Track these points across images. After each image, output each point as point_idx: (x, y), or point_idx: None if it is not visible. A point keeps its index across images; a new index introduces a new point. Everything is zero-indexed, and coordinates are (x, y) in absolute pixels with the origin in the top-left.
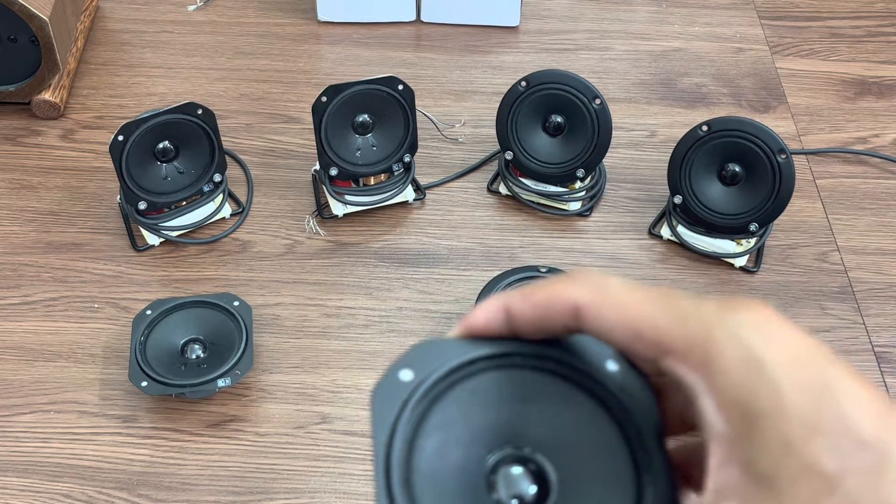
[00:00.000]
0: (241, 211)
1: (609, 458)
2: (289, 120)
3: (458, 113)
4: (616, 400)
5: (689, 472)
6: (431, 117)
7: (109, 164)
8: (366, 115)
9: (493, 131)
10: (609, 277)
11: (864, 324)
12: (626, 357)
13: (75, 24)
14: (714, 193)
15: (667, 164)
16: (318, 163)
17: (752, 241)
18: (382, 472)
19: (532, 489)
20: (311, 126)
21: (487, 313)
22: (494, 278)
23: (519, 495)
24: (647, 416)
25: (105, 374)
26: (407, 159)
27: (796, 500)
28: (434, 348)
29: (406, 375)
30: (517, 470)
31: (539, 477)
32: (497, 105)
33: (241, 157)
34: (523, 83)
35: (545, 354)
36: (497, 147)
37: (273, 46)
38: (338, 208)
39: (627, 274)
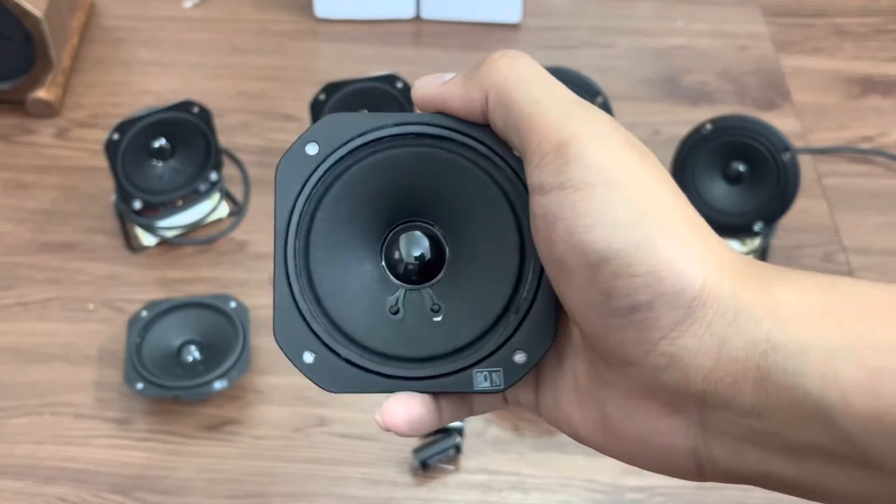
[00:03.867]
0: (237, 210)
1: (499, 236)
2: (287, 118)
3: None
4: (515, 186)
5: None
6: None
7: (104, 163)
8: (365, 113)
9: None
10: (521, 67)
11: None
12: None
13: (70, 21)
14: (718, 192)
15: (670, 163)
16: None
17: (757, 240)
18: (282, 239)
19: (429, 250)
20: (309, 124)
21: (430, 96)
22: None
23: (418, 253)
24: None
25: (100, 375)
26: None
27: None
28: (342, 122)
29: (312, 149)
30: (416, 232)
31: (435, 245)
32: None
33: (238, 155)
34: None
35: (452, 135)
36: None
37: (270, 43)
38: None
39: None
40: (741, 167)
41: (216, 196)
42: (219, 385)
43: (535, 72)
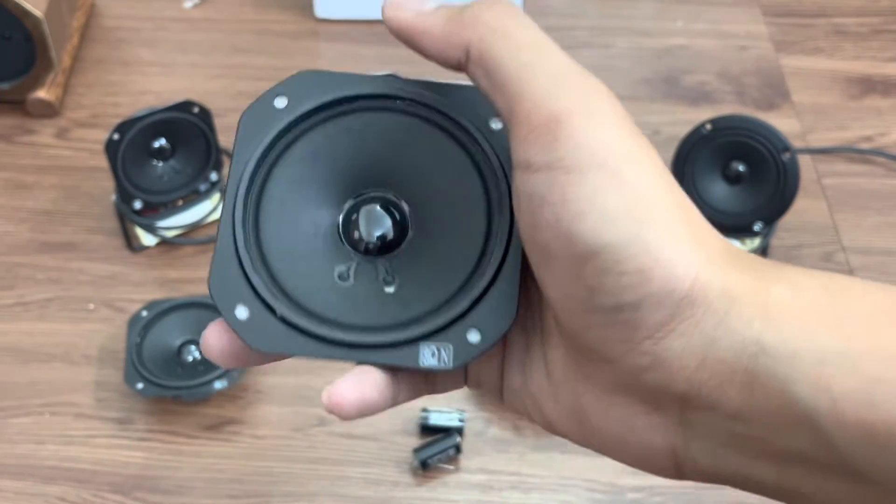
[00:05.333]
0: None
1: (466, 212)
2: None
3: None
4: (486, 158)
5: None
6: None
7: (104, 163)
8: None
9: None
10: (511, 21)
11: None
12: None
13: (70, 21)
14: (718, 192)
15: (670, 163)
16: None
17: (757, 240)
18: (233, 186)
19: (390, 227)
20: None
21: (410, 22)
22: None
23: (379, 233)
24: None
25: (100, 375)
26: None
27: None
28: (317, 79)
29: (280, 102)
30: (378, 209)
31: (398, 218)
32: None
33: None
34: None
35: (429, 102)
36: None
37: (270, 44)
38: None
39: None
40: (741, 167)
41: (216, 196)
42: (219, 385)
43: (527, 28)
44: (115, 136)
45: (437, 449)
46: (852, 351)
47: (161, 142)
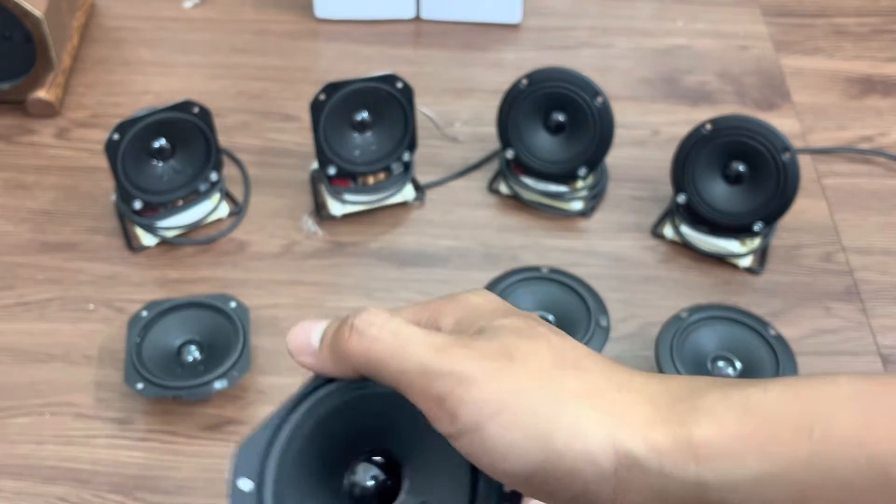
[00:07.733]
0: (237, 211)
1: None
2: (286, 118)
3: (458, 111)
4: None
5: None
6: (431, 115)
7: (105, 163)
8: (364, 113)
9: (494, 130)
10: (371, 345)
11: (869, 325)
12: None
13: (70, 21)
14: (718, 192)
15: (670, 163)
16: (316, 161)
17: (757, 240)
18: None
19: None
20: (309, 124)
21: (310, 362)
22: (495, 279)
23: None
24: None
25: (100, 375)
26: (406, 158)
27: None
28: (257, 442)
29: (245, 485)
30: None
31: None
32: (498, 103)
33: (238, 155)
34: (524, 81)
35: (364, 395)
36: (498, 146)
37: (270, 44)
38: (336, 208)
39: (630, 274)
40: (741, 167)
41: (216, 196)
42: (219, 385)
43: (386, 342)
44: (115, 136)
45: None
46: (781, 468)
47: (161, 142)
